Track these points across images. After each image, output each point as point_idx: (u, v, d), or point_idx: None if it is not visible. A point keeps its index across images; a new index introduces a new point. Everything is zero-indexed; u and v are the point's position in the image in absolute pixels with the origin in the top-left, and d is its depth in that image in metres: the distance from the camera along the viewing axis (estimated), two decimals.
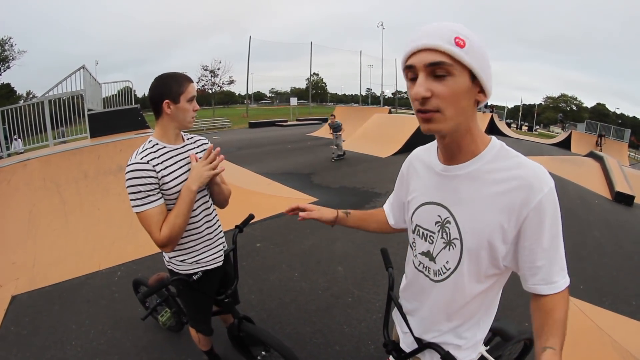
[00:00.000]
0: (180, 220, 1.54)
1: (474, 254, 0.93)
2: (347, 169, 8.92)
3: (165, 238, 1.50)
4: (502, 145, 0.93)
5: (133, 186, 1.47)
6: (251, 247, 4.27)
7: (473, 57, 0.78)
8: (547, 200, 0.85)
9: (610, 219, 6.18)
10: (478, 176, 0.91)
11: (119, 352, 2.56)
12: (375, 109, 21.52)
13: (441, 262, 1.01)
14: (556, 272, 0.90)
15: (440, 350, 1.05)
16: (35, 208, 4.32)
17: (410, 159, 1.17)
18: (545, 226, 0.86)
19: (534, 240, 0.87)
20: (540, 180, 0.85)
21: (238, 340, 2.04)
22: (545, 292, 0.91)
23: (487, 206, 0.89)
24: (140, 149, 1.57)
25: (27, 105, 7.40)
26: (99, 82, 9.69)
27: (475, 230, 0.92)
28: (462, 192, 0.94)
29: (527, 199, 0.84)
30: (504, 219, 0.87)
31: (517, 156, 0.90)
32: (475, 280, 0.97)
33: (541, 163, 0.91)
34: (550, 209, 0.86)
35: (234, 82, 46.17)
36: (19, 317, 2.99)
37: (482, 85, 0.83)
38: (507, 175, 0.87)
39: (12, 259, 3.77)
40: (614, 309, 3.21)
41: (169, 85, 1.54)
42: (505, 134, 22.86)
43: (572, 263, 3.45)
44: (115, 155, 5.03)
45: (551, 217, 0.86)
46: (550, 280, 0.90)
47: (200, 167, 1.59)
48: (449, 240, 0.97)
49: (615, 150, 18.77)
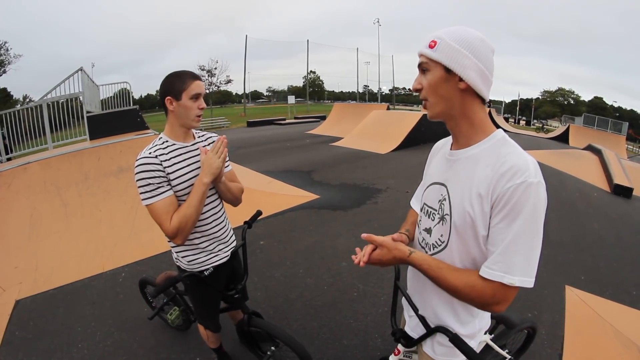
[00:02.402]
0: (191, 211, 1.54)
1: (461, 231, 1.01)
2: (347, 165, 8.92)
3: (175, 228, 1.51)
4: (505, 136, 1.01)
5: (142, 179, 1.49)
6: (255, 245, 4.28)
7: (442, 53, 0.95)
8: (518, 191, 0.88)
9: (610, 211, 6.21)
10: (475, 160, 1.00)
11: (127, 354, 2.56)
12: (373, 105, 21.45)
13: (435, 236, 1.11)
14: (503, 263, 0.91)
15: (449, 333, 1.09)
16: (36, 211, 4.31)
17: (432, 150, 1.30)
18: (509, 215, 0.90)
19: (495, 225, 0.93)
20: (517, 170, 0.89)
21: (247, 336, 2.06)
22: (482, 274, 0.95)
23: (473, 188, 0.97)
24: (150, 145, 1.60)
25: (25, 109, 7.38)
26: (97, 84, 9.66)
27: (461, 208, 1.00)
28: (459, 174, 1.04)
29: (500, 184, 0.91)
30: (484, 201, 0.94)
31: (513, 147, 0.97)
32: (466, 259, 1.03)
33: (539, 157, 0.95)
34: (519, 200, 0.88)
35: (231, 82, 45.94)
36: (23, 321, 2.98)
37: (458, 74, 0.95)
38: (496, 161, 0.94)
39: (15, 263, 3.76)
40: (615, 299, 3.24)
41: (172, 83, 1.55)
42: (504, 129, 22.85)
43: (572, 255, 3.50)
44: (115, 156, 5.03)
45: (517, 209, 0.89)
46: (491, 266, 0.93)
47: (209, 158, 1.59)
48: (442, 215, 1.07)
49: (613, 143, 18.80)
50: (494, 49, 0.98)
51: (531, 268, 0.91)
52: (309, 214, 5.39)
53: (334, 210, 5.53)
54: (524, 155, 0.94)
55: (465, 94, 0.97)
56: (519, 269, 0.90)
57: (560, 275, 3.62)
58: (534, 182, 0.88)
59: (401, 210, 5.41)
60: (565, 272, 3.72)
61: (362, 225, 4.92)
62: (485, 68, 0.95)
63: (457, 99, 0.98)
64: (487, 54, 0.96)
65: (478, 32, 0.97)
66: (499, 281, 0.91)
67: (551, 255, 4.09)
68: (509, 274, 0.90)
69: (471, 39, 0.95)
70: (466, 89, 0.96)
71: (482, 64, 0.95)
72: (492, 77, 0.98)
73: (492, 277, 0.92)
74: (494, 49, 0.98)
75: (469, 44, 0.94)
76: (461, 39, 0.94)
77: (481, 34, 0.97)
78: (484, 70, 0.95)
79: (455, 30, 0.96)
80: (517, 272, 0.90)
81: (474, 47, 0.94)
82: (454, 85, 0.97)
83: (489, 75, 0.97)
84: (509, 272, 0.90)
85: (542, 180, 0.90)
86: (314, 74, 77.08)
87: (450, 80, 0.96)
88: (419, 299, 1.23)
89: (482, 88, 0.97)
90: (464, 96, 0.98)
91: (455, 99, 0.98)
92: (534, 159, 0.94)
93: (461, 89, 0.97)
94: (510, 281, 0.90)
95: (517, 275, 0.90)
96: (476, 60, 0.94)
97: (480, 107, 1.01)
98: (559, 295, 3.25)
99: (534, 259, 0.91)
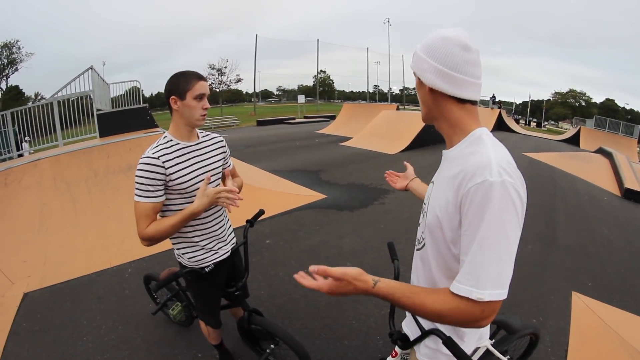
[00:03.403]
0: (169, 230, 1.57)
1: (432, 231, 1.01)
2: (355, 165, 8.91)
3: (148, 236, 1.55)
4: (481, 135, 0.96)
5: (140, 177, 1.53)
6: (261, 244, 4.30)
7: (413, 63, 1.02)
8: (479, 192, 0.83)
9: (619, 216, 6.11)
10: (451, 160, 1.01)
11: (130, 348, 2.60)
12: (383, 105, 21.38)
13: (419, 232, 1.14)
14: (470, 276, 0.84)
15: (442, 336, 1.06)
16: (45, 207, 4.39)
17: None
18: (472, 220, 0.84)
19: (464, 231, 0.87)
20: (477, 169, 0.85)
21: (248, 333, 2.08)
22: (453, 290, 0.87)
23: (445, 187, 0.96)
24: (155, 144, 1.62)
25: (37, 107, 7.50)
26: (107, 83, 9.77)
27: (433, 206, 1.01)
28: (441, 174, 1.06)
29: (463, 185, 0.87)
30: (450, 202, 0.92)
31: (483, 145, 0.93)
32: (439, 260, 1.02)
33: (549, 159, 0.93)
34: (479, 202, 0.83)
35: (241, 81, 46.23)
36: (30, 313, 3.05)
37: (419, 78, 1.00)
38: (462, 161, 0.93)
39: (24, 257, 3.83)
40: (622, 306, 3.19)
41: (177, 82, 1.57)
42: (514, 130, 22.67)
43: (579, 260, 3.46)
44: (124, 154, 5.09)
45: (479, 212, 0.83)
46: (460, 279, 0.86)
47: (218, 196, 1.57)
48: (424, 213, 1.11)
49: (624, 146, 18.49)
50: (467, 45, 0.92)
51: (503, 278, 0.83)
52: (315, 214, 5.41)
53: (341, 210, 5.53)
54: (489, 153, 0.88)
55: (436, 95, 0.99)
56: (489, 281, 0.82)
57: (566, 281, 3.58)
58: (496, 182, 0.82)
59: (407, 212, 5.39)
60: (572, 278, 3.67)
61: (368, 225, 4.91)
62: (443, 66, 0.93)
63: (430, 102, 1.02)
64: (450, 52, 0.92)
65: (451, 30, 0.94)
66: (466, 296, 0.83)
67: (558, 259, 4.04)
68: (478, 287, 0.82)
69: (433, 40, 0.96)
70: (434, 91, 0.98)
71: (439, 63, 0.94)
72: (461, 73, 0.93)
73: (459, 292, 0.84)
74: (467, 44, 0.92)
75: (428, 47, 0.96)
76: (425, 45, 0.97)
77: (451, 33, 0.93)
78: (442, 69, 0.93)
79: (428, 36, 0.99)
80: (487, 284, 0.82)
81: (432, 49, 0.95)
82: (425, 89, 1.01)
83: (451, 73, 0.93)
84: (477, 286, 0.82)
85: (508, 179, 0.83)
86: (324, 74, 77.11)
87: (423, 85, 1.01)
88: None
89: (444, 87, 0.95)
90: (435, 98, 1.00)
91: (429, 101, 1.02)
92: (504, 157, 0.89)
93: (428, 91, 1.00)
94: (478, 296, 0.82)
95: (488, 288, 0.82)
96: (431, 61, 0.95)
97: (456, 107, 0.98)
98: (565, 301, 3.21)
99: (505, 269, 0.83)
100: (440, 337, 1.07)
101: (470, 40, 0.94)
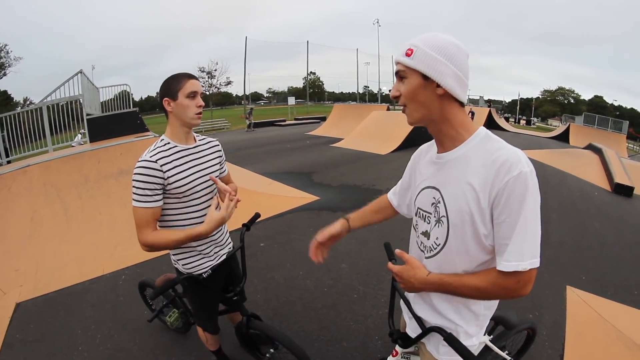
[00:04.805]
0: (171, 244, 1.57)
1: (459, 230, 1.03)
2: (347, 166, 8.93)
3: (148, 244, 1.54)
4: (488, 133, 1.04)
5: (138, 181, 1.51)
6: (255, 247, 4.28)
7: (418, 61, 0.98)
8: (517, 182, 0.92)
9: (610, 211, 6.20)
10: (463, 160, 1.03)
11: (126, 356, 2.56)
12: (374, 106, 21.45)
13: (433, 239, 1.13)
14: (516, 253, 0.95)
15: (443, 333, 1.09)
16: (36, 214, 4.32)
17: (417, 152, 1.32)
18: (513, 207, 0.93)
19: (503, 220, 0.95)
20: (511, 163, 0.93)
21: (246, 338, 2.06)
22: (501, 269, 0.97)
23: (467, 185, 1.00)
24: (152, 147, 1.60)
25: (26, 112, 7.38)
26: (97, 87, 9.66)
27: (458, 207, 1.02)
28: (450, 175, 1.06)
29: (497, 179, 0.94)
30: (481, 197, 0.97)
31: (498, 142, 1.01)
32: (464, 257, 1.06)
33: (540, 157, 0.96)
34: (519, 191, 0.92)
35: (231, 83, 46.17)
36: (24, 324, 2.99)
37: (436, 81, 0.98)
38: (486, 158, 0.98)
39: (15, 266, 3.76)
40: (617, 299, 3.23)
41: (169, 84, 1.57)
42: (504, 128, 22.88)
43: (573, 255, 3.49)
44: (115, 158, 5.04)
45: (519, 200, 0.92)
46: (508, 259, 0.96)
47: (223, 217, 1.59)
48: (438, 218, 1.10)
49: (613, 142, 18.75)
50: (469, 54, 1.01)
51: (537, 249, 0.96)
52: (309, 216, 5.39)
53: (334, 211, 5.52)
54: (512, 148, 0.98)
55: (444, 99, 1.01)
56: (528, 254, 0.94)
57: (561, 276, 3.61)
58: (528, 172, 0.92)
59: None
60: (566, 273, 3.71)
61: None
62: (461, 73, 0.98)
63: (436, 105, 1.02)
64: (462, 59, 0.99)
65: (453, 37, 1.00)
66: (514, 270, 0.95)
67: (552, 255, 4.07)
68: (522, 260, 0.94)
69: (447, 45, 0.98)
70: (444, 95, 1.00)
71: (458, 69, 0.98)
72: (468, 80, 1.01)
73: (510, 269, 0.95)
74: (469, 53, 1.01)
75: (445, 51, 0.97)
76: (437, 46, 0.97)
77: (456, 40, 1.00)
78: (460, 76, 0.98)
79: (431, 37, 0.99)
80: (527, 257, 0.94)
81: (450, 54, 0.97)
82: (432, 91, 1.00)
83: (465, 80, 1.00)
84: (521, 259, 0.94)
85: (533, 169, 0.94)
86: (314, 75, 76.98)
87: (428, 86, 1.00)
88: (419, 298, 1.24)
89: (459, 93, 1.00)
90: (442, 101, 1.01)
91: (434, 104, 1.02)
92: (521, 150, 0.98)
93: (439, 94, 1.00)
94: (523, 267, 0.94)
95: (527, 259, 0.94)
96: (452, 67, 0.97)
97: (459, 110, 1.04)
98: (560, 295, 3.24)
99: (538, 241, 0.96)
100: (442, 334, 1.09)
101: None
